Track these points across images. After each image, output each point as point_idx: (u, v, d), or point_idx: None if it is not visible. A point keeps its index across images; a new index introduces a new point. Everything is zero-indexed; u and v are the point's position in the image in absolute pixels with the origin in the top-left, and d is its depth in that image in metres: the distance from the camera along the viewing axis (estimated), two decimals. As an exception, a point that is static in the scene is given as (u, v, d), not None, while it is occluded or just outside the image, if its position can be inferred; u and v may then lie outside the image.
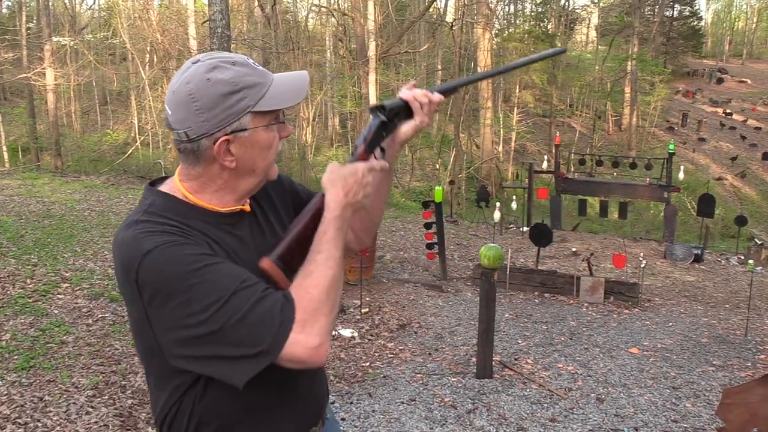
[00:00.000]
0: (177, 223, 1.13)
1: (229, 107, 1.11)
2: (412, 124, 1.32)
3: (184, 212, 1.17)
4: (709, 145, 28.66)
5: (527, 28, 32.60)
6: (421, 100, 1.31)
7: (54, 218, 8.42)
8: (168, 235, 1.09)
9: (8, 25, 27.73)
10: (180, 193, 1.19)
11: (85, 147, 23.26)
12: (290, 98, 1.18)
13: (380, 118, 1.30)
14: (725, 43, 49.46)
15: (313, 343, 1.06)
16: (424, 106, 1.31)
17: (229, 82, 1.11)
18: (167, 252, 1.06)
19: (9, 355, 4.22)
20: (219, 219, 1.20)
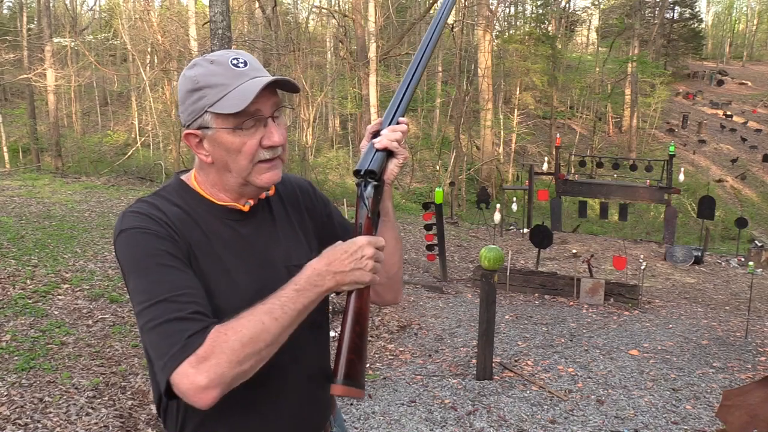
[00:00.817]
0: (177, 211, 1.19)
1: (191, 104, 1.16)
2: (396, 163, 1.23)
3: (189, 198, 1.23)
4: (710, 147, 28.66)
5: (528, 30, 32.61)
6: (396, 137, 1.22)
7: (54, 219, 8.42)
8: (148, 221, 1.13)
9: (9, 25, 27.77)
10: (191, 182, 1.25)
11: (85, 148, 23.27)
12: (237, 104, 1.11)
13: (372, 183, 1.22)
14: (725, 45, 49.48)
15: (200, 383, 1.00)
16: (399, 141, 1.23)
17: (191, 79, 1.16)
18: (136, 236, 1.12)
19: (9, 356, 4.22)
20: (221, 212, 1.23)
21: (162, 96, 22.26)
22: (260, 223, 1.27)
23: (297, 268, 1.21)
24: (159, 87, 22.50)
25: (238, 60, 1.16)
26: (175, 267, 1.10)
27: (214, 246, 1.19)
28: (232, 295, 1.16)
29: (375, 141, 1.21)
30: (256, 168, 1.18)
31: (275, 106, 1.18)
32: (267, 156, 1.17)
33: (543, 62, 27.05)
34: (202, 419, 1.21)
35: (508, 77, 28.18)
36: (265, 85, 1.12)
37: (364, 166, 1.20)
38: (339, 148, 25.12)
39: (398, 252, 1.36)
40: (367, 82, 17.84)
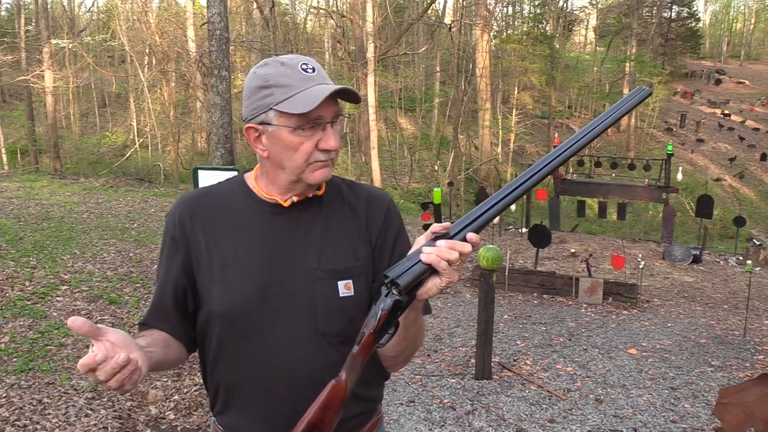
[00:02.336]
0: (209, 205, 1.31)
1: (257, 99, 1.22)
2: (436, 283, 1.06)
3: (239, 192, 1.33)
4: (708, 146, 28.70)
5: (525, 30, 32.63)
6: (448, 257, 1.03)
7: (53, 220, 8.42)
8: (170, 221, 1.32)
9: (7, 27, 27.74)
10: (252, 176, 1.34)
11: (83, 149, 23.26)
12: (303, 106, 1.16)
13: (393, 296, 1.07)
14: (723, 45, 49.55)
15: None
16: (453, 263, 1.04)
17: (262, 77, 1.21)
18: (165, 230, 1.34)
19: (8, 357, 4.22)
20: (263, 206, 1.30)
21: (160, 97, 22.25)
22: (298, 221, 1.29)
23: (327, 273, 1.25)
24: (157, 88, 22.48)
25: (307, 66, 1.21)
26: (163, 268, 1.32)
27: (239, 240, 1.27)
28: (233, 287, 1.24)
29: (425, 249, 1.04)
30: (309, 167, 1.22)
31: (335, 114, 1.22)
32: (321, 158, 1.22)
33: (541, 62, 27.07)
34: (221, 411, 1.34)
35: (507, 77, 28.20)
36: (332, 92, 1.17)
37: (394, 274, 1.05)
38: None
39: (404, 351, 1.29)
40: (365, 83, 17.84)
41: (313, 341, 1.24)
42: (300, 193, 1.28)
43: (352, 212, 1.33)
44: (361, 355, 1.12)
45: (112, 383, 1.01)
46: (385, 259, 1.33)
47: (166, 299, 1.29)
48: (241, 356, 1.25)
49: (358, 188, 1.38)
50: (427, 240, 1.07)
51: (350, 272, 1.27)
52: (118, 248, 7.30)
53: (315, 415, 1.10)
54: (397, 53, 22.29)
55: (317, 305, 1.24)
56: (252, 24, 24.34)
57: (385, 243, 1.34)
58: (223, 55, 7.56)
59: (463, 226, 1.07)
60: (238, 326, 1.24)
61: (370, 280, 1.30)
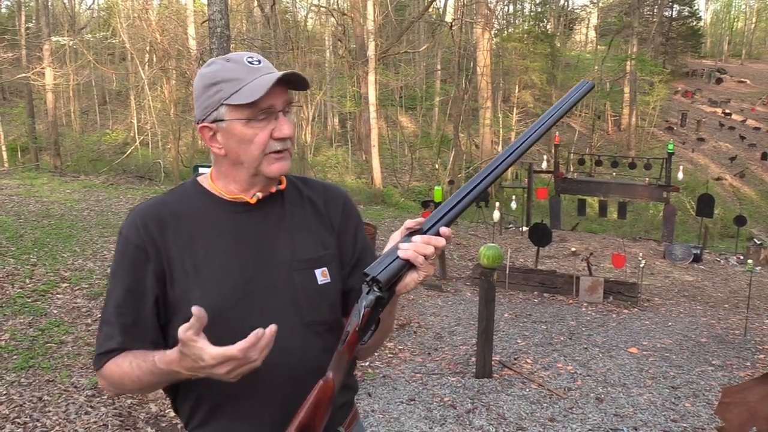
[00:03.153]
0: (170, 212, 1.26)
1: (207, 98, 1.22)
2: (414, 277, 1.11)
3: (197, 197, 1.30)
4: (708, 145, 28.67)
5: (526, 28, 32.62)
6: (424, 251, 1.08)
7: (53, 218, 8.42)
8: (131, 231, 1.25)
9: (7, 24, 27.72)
10: (207, 179, 1.32)
11: (84, 147, 23.24)
12: (252, 95, 1.17)
13: (375, 293, 1.10)
14: (724, 44, 49.48)
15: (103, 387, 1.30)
16: (429, 257, 1.09)
17: (209, 75, 1.22)
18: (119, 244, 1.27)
19: (8, 355, 4.22)
20: (228, 206, 1.28)
21: (161, 95, 22.22)
22: (267, 216, 1.29)
23: (303, 263, 1.27)
24: (158, 86, 22.46)
25: (252, 58, 1.22)
26: (127, 282, 1.24)
27: (208, 240, 1.24)
28: (215, 286, 1.22)
29: (402, 245, 1.09)
30: (266, 158, 1.22)
31: (286, 103, 1.23)
32: (277, 147, 1.22)
33: (542, 60, 27.07)
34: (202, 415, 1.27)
35: (507, 75, 28.18)
36: (278, 79, 1.17)
37: (374, 272, 1.08)
38: (338, 147, 25.12)
39: (376, 342, 1.31)
40: (366, 81, 17.82)
41: (300, 332, 1.24)
42: (263, 188, 1.28)
43: (312, 205, 1.35)
44: (347, 354, 1.14)
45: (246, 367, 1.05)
46: (348, 246, 1.36)
47: (143, 313, 1.22)
48: None
49: (313, 183, 1.41)
50: (402, 236, 1.12)
51: (324, 260, 1.30)
52: (118, 246, 7.28)
53: (306, 415, 1.10)
54: (398, 51, 22.28)
55: (299, 296, 1.25)
56: (253, 22, 24.32)
57: (347, 231, 1.37)
58: (224, 53, 7.54)
59: (436, 220, 1.11)
60: (221, 328, 1.18)
61: (339, 267, 1.34)
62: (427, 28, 27.53)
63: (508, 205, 12.81)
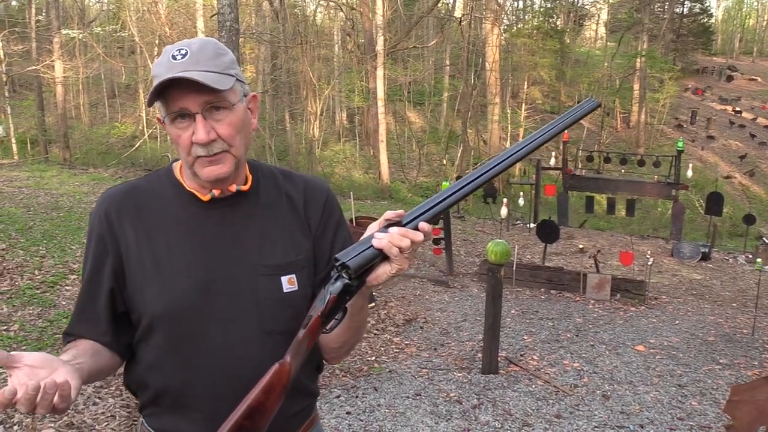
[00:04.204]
0: (136, 202, 1.23)
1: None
2: (386, 270, 1.04)
3: (167, 183, 1.26)
4: (718, 143, 28.49)
5: (536, 24, 32.44)
6: (400, 244, 1.01)
7: (62, 210, 8.46)
8: (95, 224, 1.23)
9: (18, 17, 27.82)
10: (178, 166, 1.27)
11: (93, 140, 23.33)
12: (150, 98, 1.12)
13: (343, 280, 1.05)
14: (735, 41, 49.07)
15: None
16: (404, 250, 1.02)
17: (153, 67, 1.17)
18: (88, 236, 1.25)
19: (17, 345, 4.25)
20: (187, 199, 1.23)
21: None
22: (226, 217, 1.22)
23: (270, 268, 1.20)
24: (167, 79, 22.48)
25: (179, 51, 1.13)
26: (89, 271, 1.23)
27: (171, 235, 1.20)
28: (173, 285, 1.17)
29: (377, 235, 1.03)
30: (198, 161, 1.15)
31: (206, 103, 1.12)
32: (201, 152, 1.13)
33: (551, 57, 26.94)
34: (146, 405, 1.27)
35: (516, 71, 28.06)
36: (163, 83, 1.09)
37: (345, 258, 1.03)
38: (346, 142, 25.09)
39: (348, 341, 1.27)
40: (375, 76, 17.81)
41: (258, 340, 1.19)
42: (216, 187, 1.20)
43: (290, 203, 1.28)
44: (307, 340, 1.08)
45: (40, 410, 0.94)
46: (325, 249, 1.29)
47: (97, 304, 1.20)
48: (181, 359, 1.18)
49: (294, 177, 1.33)
50: (380, 226, 1.05)
51: (293, 266, 1.22)
52: (126, 238, 7.32)
53: (256, 398, 1.04)
54: (407, 46, 22.23)
55: (261, 302, 1.19)
56: (262, 16, 24.29)
57: (325, 233, 1.29)
58: (233, 47, 7.56)
59: (417, 215, 1.06)
60: (177, 327, 1.17)
61: (312, 273, 1.26)
62: (436, 23, 27.44)
63: (516, 201, 12.78)
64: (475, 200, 18.30)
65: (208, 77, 1.09)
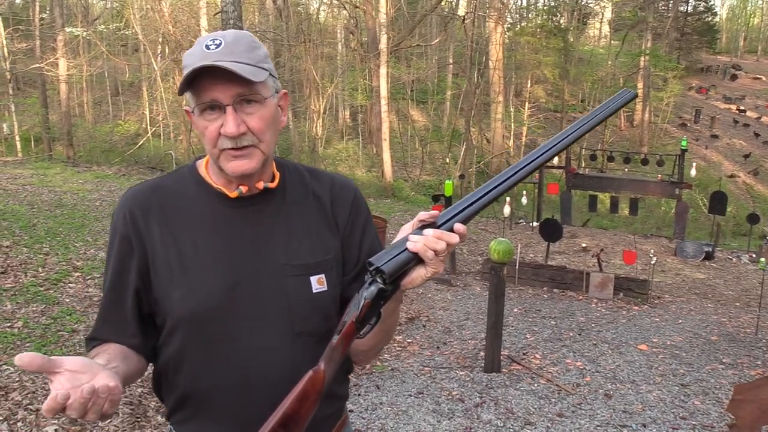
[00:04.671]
0: (158, 201, 1.19)
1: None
2: (421, 273, 1.03)
3: (191, 182, 1.22)
4: (722, 142, 28.42)
5: (540, 22, 32.38)
6: (435, 246, 1.00)
7: (66, 208, 8.48)
8: (118, 220, 1.19)
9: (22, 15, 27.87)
10: (203, 164, 1.24)
11: (96, 137, 23.36)
12: (181, 86, 1.09)
13: (378, 284, 1.02)
14: (740, 40, 48.92)
15: None
16: (439, 253, 1.01)
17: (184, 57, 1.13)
18: (111, 234, 1.22)
19: (21, 342, 4.26)
20: (213, 196, 1.20)
21: (173, 86, 22.29)
22: (260, 213, 1.20)
23: (298, 268, 1.18)
24: (170, 77, 22.53)
25: (213, 41, 1.09)
26: (113, 272, 1.20)
27: (197, 234, 1.17)
28: (199, 286, 1.15)
29: (411, 238, 1.01)
30: (222, 154, 1.12)
31: (237, 96, 1.09)
32: (228, 145, 1.10)
33: (555, 55, 26.86)
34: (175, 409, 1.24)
35: (520, 70, 28.03)
36: (195, 71, 1.06)
37: (379, 262, 1.01)
38: (349, 140, 25.09)
39: (377, 344, 1.26)
40: (378, 74, 17.79)
41: (288, 342, 1.16)
42: (244, 183, 1.17)
43: (317, 201, 1.25)
44: (341, 346, 1.06)
45: (91, 416, 0.92)
46: (353, 249, 1.26)
47: (124, 308, 1.18)
48: (209, 363, 1.16)
49: (321, 175, 1.30)
50: (414, 228, 1.03)
51: (322, 266, 1.20)
52: (130, 236, 7.34)
53: (290, 406, 1.03)
54: (410, 45, 22.20)
55: (290, 303, 1.16)
56: (265, 14, 24.32)
57: (353, 232, 1.27)
58: (236, 45, 7.55)
59: (451, 216, 1.04)
60: (204, 330, 1.14)
61: (340, 273, 1.24)
62: (439, 21, 27.42)
63: (519, 200, 12.77)
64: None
65: (242, 68, 1.07)
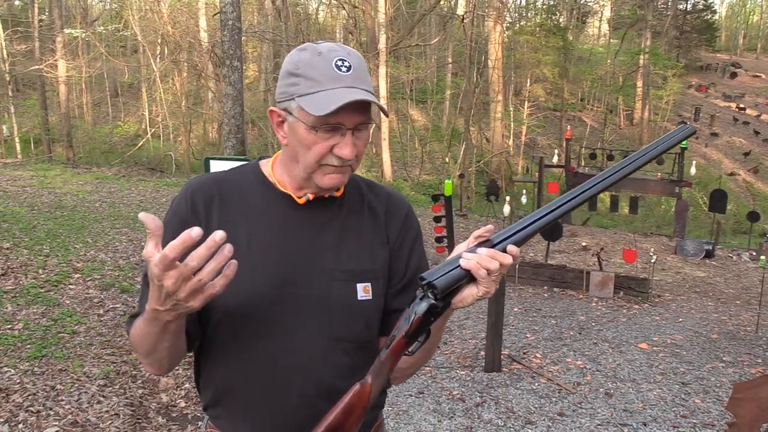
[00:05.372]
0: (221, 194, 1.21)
1: (286, 85, 1.15)
2: (473, 292, 1.04)
3: (254, 181, 1.25)
4: (722, 140, 28.41)
5: (539, 21, 32.38)
6: (488, 265, 1.00)
7: (65, 209, 8.48)
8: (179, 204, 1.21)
9: (21, 16, 27.87)
10: (269, 164, 1.26)
11: (96, 139, 23.35)
12: (319, 108, 1.08)
13: (429, 300, 1.02)
14: (739, 37, 48.92)
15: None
16: (492, 272, 1.01)
17: (295, 63, 1.14)
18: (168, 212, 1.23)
19: (21, 344, 4.26)
20: (278, 198, 1.22)
21: (172, 87, 22.30)
22: (315, 218, 1.22)
23: (345, 274, 1.19)
24: (169, 78, 22.54)
25: (343, 62, 1.12)
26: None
27: (253, 230, 1.19)
28: (249, 279, 1.15)
29: (465, 255, 1.01)
30: (321, 168, 1.15)
31: (359, 123, 1.13)
32: (335, 163, 1.14)
33: (554, 54, 26.85)
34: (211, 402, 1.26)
35: (519, 69, 28.02)
36: (350, 102, 1.08)
37: (431, 277, 1.00)
38: (348, 140, 25.11)
39: (418, 362, 1.26)
40: (377, 74, 17.79)
41: (327, 345, 1.18)
42: (315, 191, 1.20)
43: (372, 213, 1.28)
44: (390, 360, 1.06)
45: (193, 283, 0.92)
46: (401, 263, 1.28)
47: None
48: (248, 356, 1.17)
49: (377, 189, 1.33)
50: (469, 246, 1.04)
51: (369, 275, 1.22)
52: (130, 237, 7.34)
53: (337, 418, 1.04)
54: (409, 44, 22.19)
55: (334, 307, 1.18)
56: (264, 14, 24.30)
57: (403, 246, 1.29)
58: (235, 46, 7.57)
59: (507, 236, 1.05)
60: (248, 324, 1.16)
61: (386, 285, 1.25)
62: (438, 20, 27.42)
63: (519, 199, 12.77)
64: (478, 198, 18.30)
65: (373, 99, 1.11)
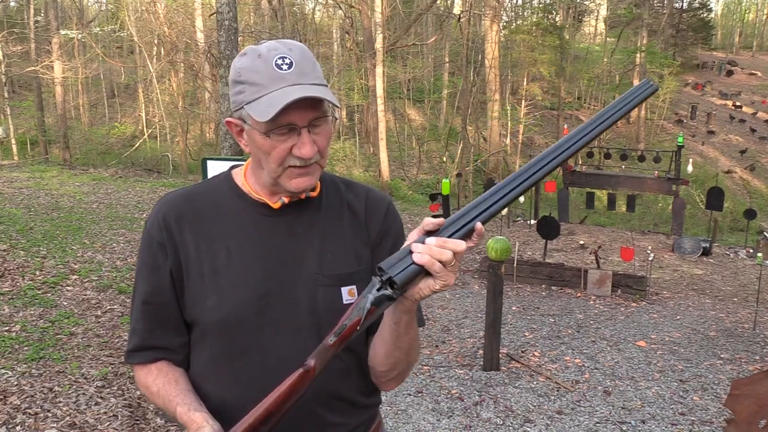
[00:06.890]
0: (193, 207, 1.20)
1: (234, 94, 1.12)
2: (430, 285, 0.98)
3: (227, 191, 1.23)
4: (719, 137, 28.47)
5: (535, 20, 32.40)
6: (441, 257, 0.94)
7: (62, 211, 8.46)
8: (152, 227, 1.20)
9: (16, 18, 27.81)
10: (241, 173, 1.24)
11: (93, 140, 23.33)
12: (265, 113, 1.04)
13: (386, 291, 0.98)
14: (735, 35, 49.02)
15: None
16: (447, 263, 0.95)
17: (237, 70, 1.11)
18: (142, 239, 1.23)
19: (19, 346, 4.25)
20: (252, 206, 1.20)
21: (169, 88, 22.28)
22: (296, 222, 1.19)
23: (330, 279, 1.17)
24: (166, 79, 22.51)
25: (283, 60, 1.07)
26: (151, 279, 1.20)
27: (231, 242, 1.17)
28: (231, 294, 1.14)
29: (415, 248, 0.96)
30: (286, 172, 1.12)
31: (313, 119, 1.09)
32: (297, 163, 1.11)
33: (550, 53, 26.90)
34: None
35: (516, 68, 28.04)
36: (295, 100, 1.04)
37: (392, 271, 0.96)
38: (345, 140, 25.09)
39: (397, 364, 1.19)
40: (374, 74, 17.80)
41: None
42: (289, 195, 1.17)
43: (351, 212, 1.25)
44: (335, 348, 1.02)
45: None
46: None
47: (167, 313, 1.19)
48: (236, 371, 1.15)
49: (356, 187, 1.29)
50: (419, 236, 0.98)
51: (354, 277, 1.19)
52: (127, 238, 7.33)
53: (276, 401, 1.01)
54: (406, 44, 22.22)
55: (320, 314, 1.15)
56: (260, 14, 24.28)
57: (383, 244, 1.25)
58: (232, 46, 7.55)
59: (455, 226, 0.99)
60: (234, 338, 1.14)
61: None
62: (435, 20, 27.42)
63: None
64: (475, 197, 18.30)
65: (322, 92, 1.07)
